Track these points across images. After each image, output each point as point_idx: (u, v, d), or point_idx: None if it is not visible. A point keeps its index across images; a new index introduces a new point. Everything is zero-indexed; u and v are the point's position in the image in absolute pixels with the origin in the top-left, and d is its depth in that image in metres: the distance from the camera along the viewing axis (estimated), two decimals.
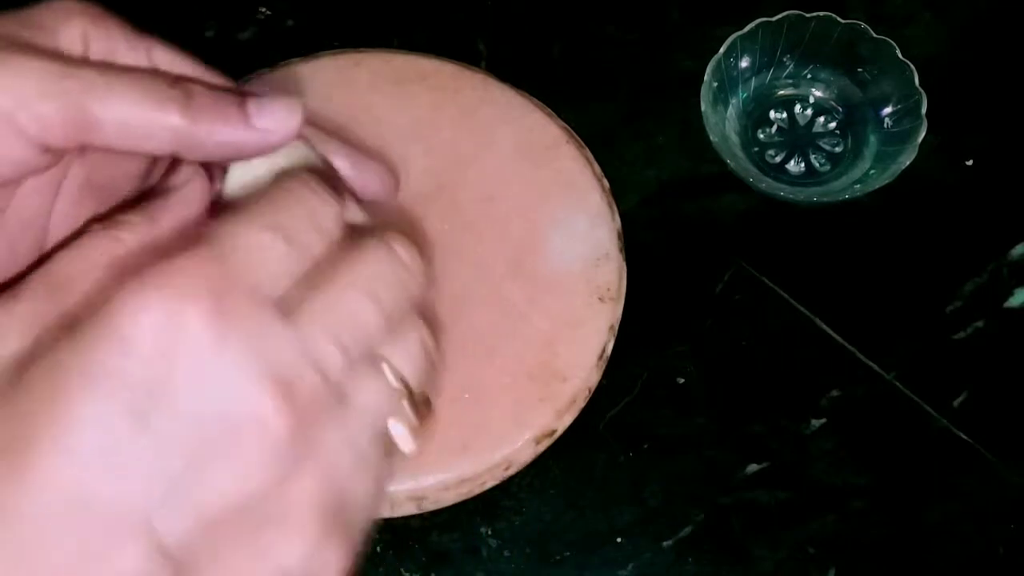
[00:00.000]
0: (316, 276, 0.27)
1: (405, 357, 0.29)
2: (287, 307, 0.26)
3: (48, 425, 0.23)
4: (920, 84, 0.52)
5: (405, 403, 0.29)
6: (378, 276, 0.28)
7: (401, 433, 0.29)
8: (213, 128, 0.30)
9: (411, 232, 0.46)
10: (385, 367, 0.28)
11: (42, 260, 0.29)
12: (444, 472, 0.45)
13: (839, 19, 0.53)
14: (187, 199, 0.32)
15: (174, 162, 0.34)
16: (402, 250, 0.29)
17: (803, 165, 0.55)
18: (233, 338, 0.24)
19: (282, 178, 0.29)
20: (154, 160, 0.34)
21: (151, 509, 0.23)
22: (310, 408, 0.25)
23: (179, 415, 0.23)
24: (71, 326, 0.24)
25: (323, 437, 0.26)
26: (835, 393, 0.50)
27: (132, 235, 0.29)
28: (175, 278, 0.24)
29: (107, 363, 0.23)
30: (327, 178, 0.30)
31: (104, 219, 0.30)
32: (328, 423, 0.26)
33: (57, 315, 0.26)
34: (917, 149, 0.50)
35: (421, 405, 0.30)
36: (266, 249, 0.26)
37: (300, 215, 0.27)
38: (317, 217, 0.28)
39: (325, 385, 0.26)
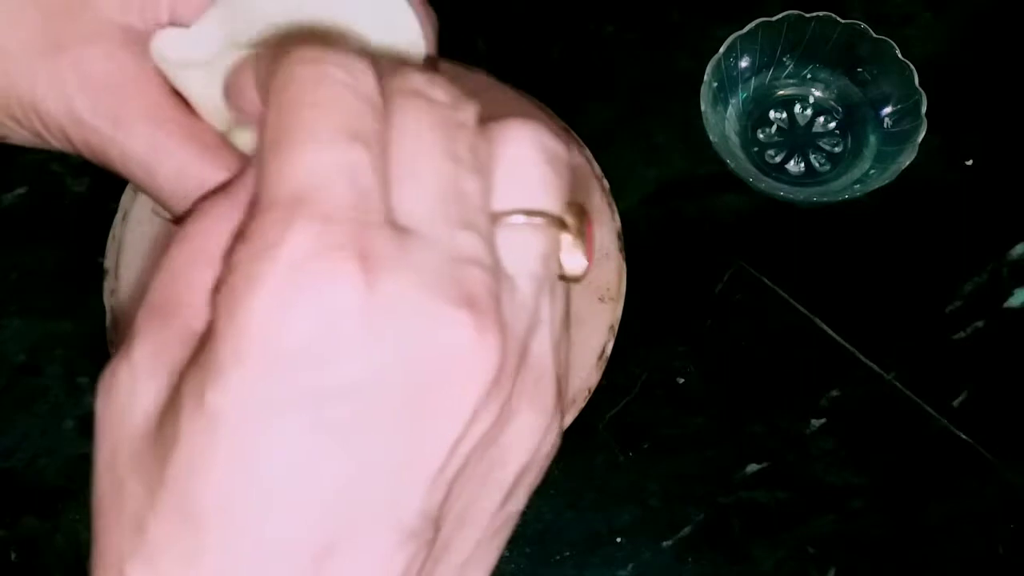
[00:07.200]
0: (380, 159, 0.21)
1: (519, 186, 0.23)
2: (388, 213, 0.20)
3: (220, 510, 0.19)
4: (920, 84, 0.52)
5: (555, 230, 0.23)
6: (437, 127, 0.22)
7: (568, 260, 0.24)
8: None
9: None
10: (513, 216, 0.23)
11: None
12: None
13: (839, 19, 0.53)
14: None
15: None
16: (434, 89, 0.22)
17: (803, 165, 0.55)
18: (387, 289, 0.19)
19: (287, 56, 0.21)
20: None
21: (381, 504, 0.20)
22: (494, 306, 0.21)
23: (368, 402, 0.19)
24: (202, 360, 0.20)
25: (516, 325, 0.22)
26: (835, 393, 0.50)
27: (223, 222, 0.22)
28: (288, 260, 0.19)
29: (269, 388, 0.19)
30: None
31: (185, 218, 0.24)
32: (511, 308, 0.21)
33: (181, 346, 0.21)
34: (917, 149, 0.50)
35: (570, 215, 0.24)
36: (343, 166, 0.20)
37: (345, 101, 0.21)
38: (360, 89, 0.21)
39: (487, 274, 0.21)
